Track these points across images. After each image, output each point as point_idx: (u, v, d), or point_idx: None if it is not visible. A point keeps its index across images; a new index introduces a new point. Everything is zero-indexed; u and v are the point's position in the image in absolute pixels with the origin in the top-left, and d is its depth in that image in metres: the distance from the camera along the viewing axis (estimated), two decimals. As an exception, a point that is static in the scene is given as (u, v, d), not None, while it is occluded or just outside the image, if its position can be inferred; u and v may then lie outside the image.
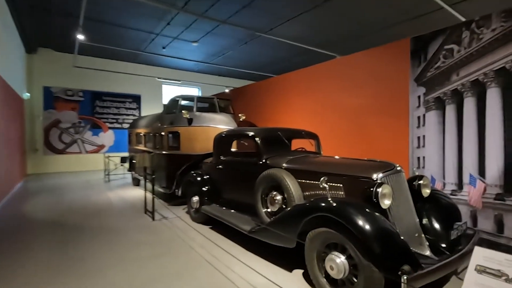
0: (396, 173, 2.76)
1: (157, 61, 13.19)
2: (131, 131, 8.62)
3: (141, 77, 13.48)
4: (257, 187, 3.36)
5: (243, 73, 14.93)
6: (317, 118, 5.78)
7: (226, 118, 5.74)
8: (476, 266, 1.56)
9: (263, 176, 3.27)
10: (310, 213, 2.54)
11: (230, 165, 4.22)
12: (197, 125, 5.68)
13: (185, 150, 5.71)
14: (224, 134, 4.44)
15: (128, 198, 6.76)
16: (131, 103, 13.42)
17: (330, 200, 2.46)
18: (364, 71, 4.85)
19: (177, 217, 5.07)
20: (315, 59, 8.65)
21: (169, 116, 6.10)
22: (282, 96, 6.89)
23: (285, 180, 2.98)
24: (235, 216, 3.88)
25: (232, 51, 11.51)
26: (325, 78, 5.68)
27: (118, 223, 4.78)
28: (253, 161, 3.77)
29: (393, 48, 4.38)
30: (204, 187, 4.63)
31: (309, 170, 3.10)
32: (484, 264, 1.53)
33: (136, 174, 8.06)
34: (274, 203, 3.12)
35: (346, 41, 9.92)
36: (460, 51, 3.58)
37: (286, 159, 3.51)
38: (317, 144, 4.36)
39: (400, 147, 4.24)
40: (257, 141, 3.72)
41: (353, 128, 5.04)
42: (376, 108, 4.63)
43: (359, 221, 2.21)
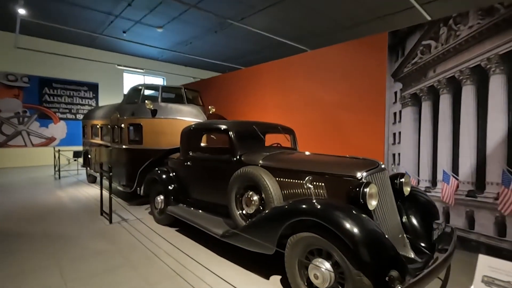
0: (380, 171, 2.61)
1: (117, 47, 12.10)
2: (86, 122, 7.75)
3: (99, 64, 12.30)
4: (231, 187, 3.04)
5: (210, 64, 14.34)
6: (289, 113, 5.58)
7: (194, 110, 5.29)
8: (483, 277, 1.41)
9: (238, 174, 2.95)
10: (292, 217, 2.29)
11: (200, 161, 3.83)
12: (162, 117, 5.16)
13: (148, 145, 5.18)
14: (193, 127, 4.03)
15: (81, 197, 6.03)
16: (86, 91, 12.21)
17: (314, 202, 2.22)
18: (339, 65, 4.72)
19: (138, 219, 4.57)
20: (285, 53, 8.44)
21: (130, 106, 5.49)
22: (253, 89, 6.59)
23: (264, 179, 2.69)
24: (205, 218, 3.52)
25: (200, 41, 10.91)
26: (298, 72, 5.48)
27: (69, 228, 4.16)
28: (225, 158, 3.44)
29: (370, 42, 4.28)
30: (170, 185, 4.19)
31: (289, 169, 2.85)
32: (492, 275, 1.39)
33: (91, 170, 7.28)
34: (250, 204, 2.83)
35: (316, 36, 9.87)
36: (438, 47, 3.56)
37: (262, 156, 3.23)
38: (293, 139, 4.14)
39: (375, 143, 4.17)
40: (231, 136, 3.38)
41: (327, 123, 4.91)
42: (351, 104, 4.52)
43: (347, 225, 2.01)
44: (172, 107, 5.28)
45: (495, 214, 3.16)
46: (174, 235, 3.93)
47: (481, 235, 3.26)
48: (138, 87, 5.76)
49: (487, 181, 3.21)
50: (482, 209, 3.25)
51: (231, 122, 3.69)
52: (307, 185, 2.29)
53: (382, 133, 4.11)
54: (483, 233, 3.25)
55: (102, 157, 6.52)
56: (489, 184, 3.20)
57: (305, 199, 2.39)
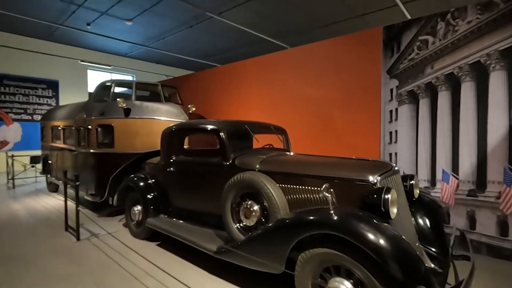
0: (394, 174, 2.38)
1: (80, 41, 11.05)
2: (45, 124, 6.87)
3: (59, 59, 11.16)
4: (226, 195, 2.65)
5: (184, 62, 13.67)
6: (275, 111, 5.27)
7: (174, 109, 4.79)
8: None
9: (234, 181, 2.57)
10: (306, 231, 1.97)
11: (185, 166, 3.39)
12: (136, 117, 4.61)
13: (121, 148, 4.60)
14: (175, 128, 3.57)
15: (41, 210, 5.26)
16: (45, 90, 11.01)
17: (332, 212, 1.92)
18: (330, 62, 4.50)
19: (110, 234, 4.00)
20: (264, 50, 8.13)
21: (99, 105, 4.86)
22: (235, 87, 6.20)
23: (266, 187, 2.34)
24: (193, 231, 3.10)
25: (173, 36, 10.26)
26: (286, 68, 5.19)
27: (26, 247, 3.50)
28: (216, 162, 3.04)
29: (364, 37, 4.10)
30: (149, 194, 3.70)
31: (292, 173, 2.52)
32: None
33: (52, 177, 6.44)
34: (250, 215, 2.46)
35: (295, 34, 9.70)
36: (435, 42, 3.44)
37: (258, 159, 2.88)
38: (285, 140, 3.83)
39: (370, 142, 4.00)
40: (222, 137, 2.99)
41: (318, 122, 4.67)
42: (344, 101, 4.32)
43: (374, 238, 1.74)
44: (148, 106, 4.74)
45: (496, 213, 3.09)
46: (155, 251, 3.45)
47: (482, 235, 3.18)
48: (108, 83, 5.13)
49: (488, 179, 3.14)
50: (483, 209, 3.17)
51: (221, 121, 3.30)
52: (324, 193, 1.98)
53: (377, 132, 3.95)
54: (484, 233, 3.17)
55: (65, 163, 5.76)
56: (490, 183, 3.12)
57: (320, 209, 2.09)
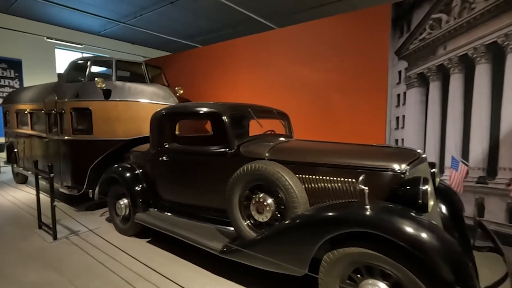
0: (422, 163, 2.17)
1: (45, 15, 9.91)
2: (8, 107, 6.08)
3: (21, 36, 9.98)
4: (232, 188, 2.33)
5: (164, 42, 12.80)
6: (270, 96, 4.93)
7: (161, 91, 4.31)
8: None
9: (243, 172, 2.24)
10: (338, 229, 1.71)
11: (180, 155, 2.99)
12: (118, 100, 4.09)
13: (101, 135, 4.09)
14: (167, 112, 3.15)
15: (8, 205, 4.66)
16: (6, 70, 9.85)
17: (368, 208, 1.67)
18: (331, 42, 4.19)
19: (92, 231, 3.56)
20: (249, 32, 7.63)
21: (73, 86, 4.26)
22: (225, 68, 5.76)
23: (285, 178, 2.04)
24: (191, 228, 2.76)
25: (152, 13, 9.45)
26: (280, 49, 4.83)
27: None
28: (217, 150, 2.69)
29: (370, 15, 3.81)
30: (136, 186, 3.30)
31: (310, 162, 2.24)
32: None
33: (20, 168, 5.76)
34: (264, 210, 2.17)
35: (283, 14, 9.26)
36: (449, 21, 3.23)
37: (266, 147, 2.56)
38: (288, 125, 3.54)
39: (375, 128, 3.80)
40: (224, 122, 2.63)
41: (316, 107, 4.40)
42: (346, 85, 4.06)
43: (418, 235, 1.53)
44: (131, 87, 4.22)
45: (506, 200, 3.03)
46: (146, 248, 3.09)
47: (491, 222, 3.11)
48: (83, 60, 4.51)
49: (499, 166, 3.05)
50: (492, 196, 3.10)
51: (221, 104, 2.92)
52: (360, 186, 1.72)
53: (383, 117, 3.75)
54: (493, 221, 3.11)
55: (35, 151, 5.13)
56: (501, 170, 3.04)
57: (350, 203, 1.84)
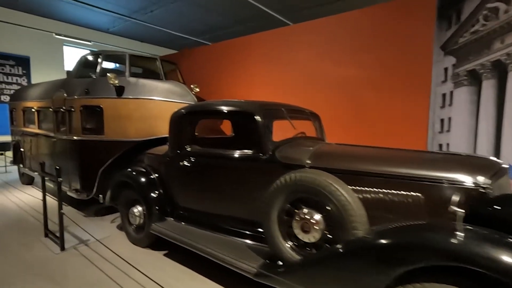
0: (505, 175, 1.81)
1: (53, 11, 9.69)
2: (15, 105, 5.82)
3: (29, 32, 9.77)
4: (271, 201, 1.98)
5: (172, 39, 12.50)
6: (293, 93, 4.58)
7: (178, 89, 3.98)
8: None
9: (287, 182, 1.89)
10: (421, 260, 1.35)
11: (204, 160, 2.65)
12: (131, 97, 3.78)
13: (112, 135, 3.78)
14: (188, 111, 2.81)
15: (12, 208, 4.38)
16: (13, 67, 9.65)
17: (462, 235, 1.31)
18: (366, 35, 3.83)
19: (103, 241, 3.24)
20: (261, 28, 7.25)
21: (83, 82, 3.96)
22: (241, 65, 5.43)
23: (340, 192, 1.69)
24: (217, 242, 2.42)
25: (162, 9, 9.18)
26: (306, 43, 4.48)
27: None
28: (249, 155, 2.35)
29: (411, 5, 3.44)
30: (152, 192, 2.98)
31: (367, 172, 1.88)
32: None
33: (26, 168, 5.49)
34: (311, 228, 1.82)
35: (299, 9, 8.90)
36: (509, 11, 2.85)
37: (306, 152, 2.22)
38: (319, 127, 3.19)
39: (415, 131, 3.43)
40: (258, 123, 2.29)
41: (347, 107, 4.04)
42: (382, 82, 3.69)
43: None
44: (146, 83, 3.90)
45: None
46: (163, 263, 2.77)
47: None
48: (93, 54, 4.21)
49: None
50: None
51: (251, 102, 2.58)
52: (454, 208, 1.36)
53: (424, 119, 3.37)
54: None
55: (41, 151, 4.85)
56: None
57: (432, 226, 1.48)
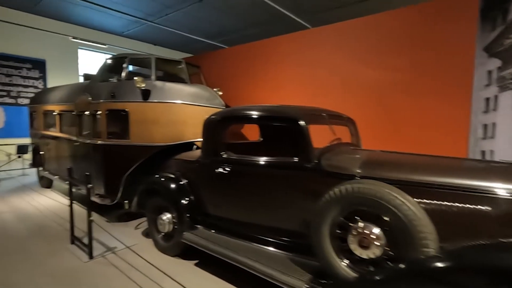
0: None
1: (70, 15, 9.77)
2: (35, 108, 5.82)
3: (46, 36, 9.86)
4: (323, 214, 1.85)
5: (186, 43, 12.52)
6: (321, 96, 4.47)
7: (205, 93, 3.89)
8: None
9: (343, 194, 1.77)
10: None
11: (243, 167, 2.54)
12: (158, 101, 3.70)
13: (138, 139, 3.70)
14: (224, 116, 2.71)
15: (34, 213, 4.32)
16: (30, 70, 9.74)
17: None
18: (399, 37, 3.70)
19: (131, 248, 3.15)
20: (277, 32, 7.13)
21: (108, 85, 3.90)
22: (264, 68, 5.34)
23: (407, 206, 1.56)
24: (255, 253, 2.30)
25: (178, 12, 9.17)
26: (334, 45, 4.36)
27: (17, 271, 2.62)
28: (292, 162, 2.22)
29: (450, 5, 3.30)
30: (183, 199, 2.88)
31: (431, 183, 1.74)
32: None
33: (46, 171, 5.47)
34: (371, 244, 1.69)
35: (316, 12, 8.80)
36: (562, 10, 2.69)
37: (354, 160, 2.10)
38: (356, 133, 3.05)
39: (454, 137, 3.27)
40: (303, 129, 2.17)
41: (378, 111, 3.90)
42: (417, 85, 3.55)
43: None
44: (172, 87, 3.82)
45: None
46: (195, 272, 2.66)
47: None
48: (118, 58, 4.16)
49: None
50: None
51: (291, 107, 2.47)
52: None
53: (465, 124, 3.21)
54: None
55: (62, 155, 4.81)
56: None
57: None
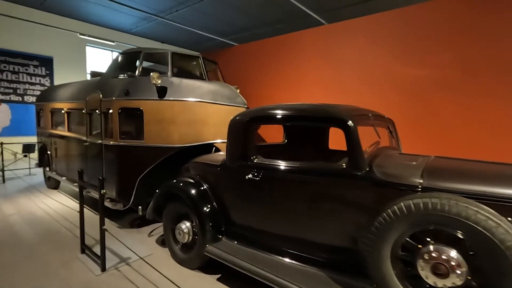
0: None
1: (78, 12, 9.58)
2: (43, 106, 5.59)
3: (54, 33, 9.67)
4: (383, 231, 1.56)
5: (195, 41, 12.28)
6: (348, 96, 4.16)
7: (226, 90, 3.61)
8: None
9: (412, 210, 1.47)
10: None
11: (278, 174, 2.24)
12: (174, 99, 3.43)
13: (153, 140, 3.43)
14: (256, 116, 2.41)
15: (41, 216, 4.08)
16: (37, 67, 9.55)
17: None
18: (439, 30, 3.38)
19: (145, 259, 2.86)
20: (290, 28, 6.83)
21: (121, 81, 3.64)
22: (284, 64, 5.05)
23: (502, 227, 1.26)
24: (290, 271, 2.01)
25: (188, 8, 8.92)
26: (367, 39, 4.05)
27: (25, 283, 2.37)
28: (339, 170, 1.93)
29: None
30: (205, 206, 2.60)
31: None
32: None
33: (53, 172, 5.23)
34: (450, 271, 1.39)
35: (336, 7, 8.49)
36: None
37: (413, 168, 1.80)
38: (396, 135, 2.75)
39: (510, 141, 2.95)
40: (352, 131, 1.88)
41: (413, 110, 3.59)
42: (462, 83, 3.23)
43: None
44: (190, 84, 3.55)
45: None
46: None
47: None
48: (132, 53, 3.89)
49: None
50: None
51: (334, 106, 2.17)
52: None
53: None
54: None
55: (71, 155, 4.57)
56: None
57: None
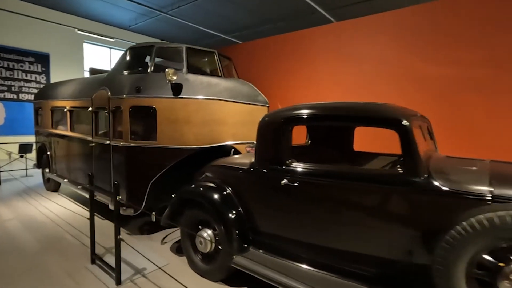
0: None
1: (75, 8, 9.27)
2: (42, 104, 5.30)
3: (50, 28, 9.34)
4: (458, 247, 1.38)
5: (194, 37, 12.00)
6: (365, 94, 4.00)
7: (245, 88, 3.40)
8: None
9: (498, 224, 1.29)
10: None
11: (319, 179, 2.03)
12: (190, 97, 3.21)
13: (167, 141, 3.21)
14: (292, 116, 2.21)
15: (42, 221, 3.81)
16: (33, 64, 9.20)
17: None
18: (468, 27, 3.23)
19: (163, 269, 2.63)
20: (292, 26, 6.64)
21: (132, 78, 3.39)
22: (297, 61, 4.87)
23: None
24: (330, 286, 1.82)
25: (190, 5, 8.67)
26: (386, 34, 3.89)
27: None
28: (395, 176, 1.74)
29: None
30: (231, 213, 2.40)
31: None
32: None
33: (53, 174, 4.95)
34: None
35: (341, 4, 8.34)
36: None
37: (478, 175, 1.63)
38: (433, 136, 2.59)
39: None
40: (409, 133, 1.70)
41: (437, 110, 3.43)
42: (492, 83, 3.08)
43: None
44: (207, 81, 3.33)
45: None
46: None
47: None
48: (144, 47, 3.65)
49: None
50: None
51: (382, 105, 1.99)
52: None
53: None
54: None
55: (73, 156, 4.30)
56: None
57: None
